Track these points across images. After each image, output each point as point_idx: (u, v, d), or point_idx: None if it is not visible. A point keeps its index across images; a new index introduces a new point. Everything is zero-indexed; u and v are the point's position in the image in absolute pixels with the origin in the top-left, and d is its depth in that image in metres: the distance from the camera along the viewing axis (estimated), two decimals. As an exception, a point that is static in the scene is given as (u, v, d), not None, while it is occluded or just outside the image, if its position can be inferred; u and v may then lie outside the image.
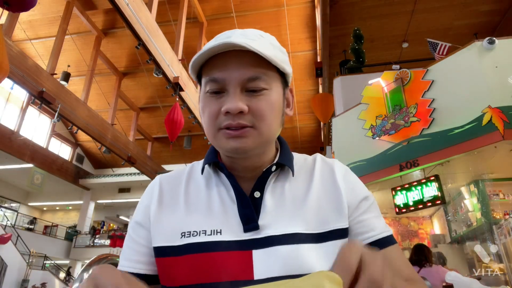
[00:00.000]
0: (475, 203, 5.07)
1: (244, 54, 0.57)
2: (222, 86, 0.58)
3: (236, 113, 0.56)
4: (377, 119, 5.02)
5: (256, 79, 0.58)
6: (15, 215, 15.41)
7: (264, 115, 0.58)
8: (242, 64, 0.57)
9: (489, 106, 3.76)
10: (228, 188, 0.63)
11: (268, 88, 0.59)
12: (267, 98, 0.59)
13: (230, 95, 0.57)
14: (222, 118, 0.58)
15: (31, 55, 11.52)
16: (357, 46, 7.08)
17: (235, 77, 0.57)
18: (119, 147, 11.97)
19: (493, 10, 8.78)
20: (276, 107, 0.60)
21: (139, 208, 0.68)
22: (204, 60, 0.59)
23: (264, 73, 0.58)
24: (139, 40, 6.97)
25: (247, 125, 0.57)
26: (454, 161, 4.31)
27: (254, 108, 0.57)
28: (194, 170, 0.71)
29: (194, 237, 0.58)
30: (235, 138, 0.58)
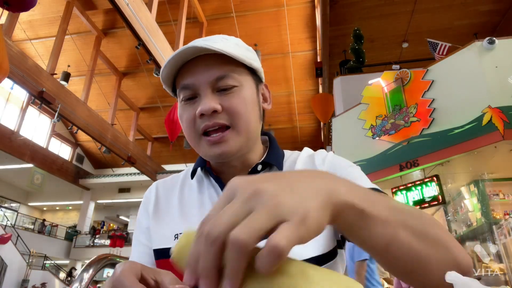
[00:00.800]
0: (475, 203, 5.07)
1: (209, 57, 0.59)
2: (194, 91, 0.60)
3: (210, 113, 0.57)
4: (377, 119, 5.02)
5: (224, 78, 0.59)
6: (15, 215, 15.41)
7: (239, 111, 0.58)
8: (209, 66, 0.59)
9: (489, 106, 3.76)
10: (218, 191, 0.65)
11: (238, 85, 0.60)
12: (239, 95, 0.59)
13: (202, 98, 0.58)
14: (199, 122, 0.59)
15: (31, 55, 11.52)
16: (357, 46, 7.08)
17: (203, 79, 0.59)
18: (119, 147, 11.97)
19: (493, 10, 8.79)
20: (249, 102, 0.61)
21: (140, 212, 0.71)
22: (173, 70, 0.61)
23: (232, 71, 0.59)
24: (139, 40, 6.97)
25: (224, 123, 0.58)
26: (454, 161, 4.31)
27: (227, 105, 0.58)
28: (188, 174, 0.73)
29: None
30: (217, 144, 0.58)
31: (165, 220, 0.65)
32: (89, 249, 16.17)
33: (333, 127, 6.06)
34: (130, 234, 16.67)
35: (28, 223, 16.24)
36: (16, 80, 7.62)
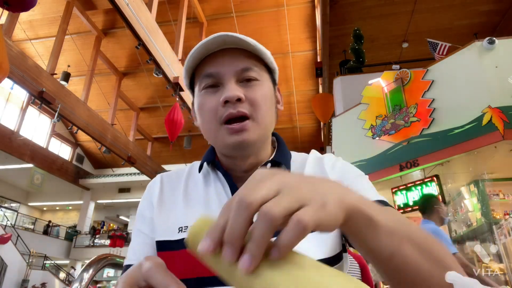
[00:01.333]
0: (475, 203, 5.06)
1: (235, 50, 0.62)
2: (217, 79, 0.61)
3: (234, 100, 0.58)
4: (377, 119, 5.02)
5: (249, 70, 0.61)
6: (15, 215, 15.41)
7: (259, 104, 0.61)
8: (235, 58, 0.61)
9: (489, 106, 3.76)
10: (225, 186, 0.65)
11: (260, 80, 0.63)
12: (260, 88, 0.62)
13: (227, 86, 0.60)
14: (222, 110, 0.60)
15: (31, 55, 11.52)
16: (357, 46, 7.08)
17: (229, 69, 0.61)
18: (119, 147, 11.97)
19: (493, 10, 8.79)
20: (268, 97, 0.63)
21: (142, 204, 0.70)
22: (199, 58, 0.63)
23: (255, 65, 0.62)
24: (139, 40, 6.97)
25: (246, 114, 0.59)
26: (454, 161, 4.31)
27: (249, 96, 0.60)
28: (194, 168, 0.73)
29: None
30: (237, 133, 0.59)
31: (169, 213, 0.65)
32: (89, 249, 16.17)
33: (333, 127, 6.06)
34: (130, 234, 16.67)
35: (28, 223, 16.25)
36: (16, 80, 7.62)
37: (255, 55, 0.64)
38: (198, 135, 14.65)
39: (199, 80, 0.64)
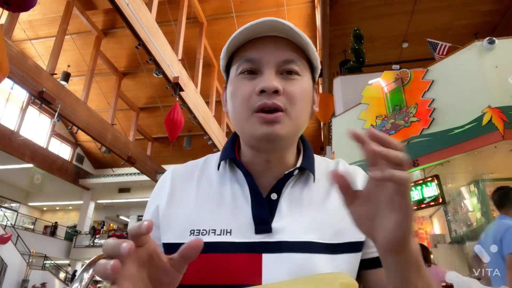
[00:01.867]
0: (475, 203, 5.06)
1: (280, 39, 0.58)
2: (257, 66, 0.58)
3: (271, 91, 0.55)
4: (377, 119, 5.02)
5: (291, 62, 0.58)
6: (15, 215, 15.42)
7: (296, 99, 0.57)
8: (280, 47, 0.58)
9: (489, 106, 3.76)
10: (243, 186, 0.61)
11: (301, 75, 0.59)
12: (300, 83, 0.59)
13: (265, 75, 0.56)
14: (256, 99, 0.56)
15: (31, 55, 11.52)
16: (357, 46, 7.08)
17: (272, 57, 0.57)
18: (119, 147, 11.97)
19: (493, 10, 8.79)
20: (307, 95, 0.60)
21: (151, 203, 0.66)
22: (242, 40, 0.59)
23: (299, 59, 0.59)
24: (139, 40, 6.96)
25: (281, 107, 0.56)
26: (454, 161, 4.31)
27: (288, 90, 0.57)
28: (208, 164, 0.68)
29: (203, 236, 0.56)
30: (269, 124, 0.55)
31: (180, 213, 0.61)
32: (89, 249, 16.17)
33: (333, 127, 6.06)
34: (130, 234, 16.68)
35: (28, 223, 16.25)
36: (16, 80, 7.62)
37: (300, 49, 0.60)
38: (198, 135, 14.64)
39: (237, 64, 0.60)
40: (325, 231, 0.57)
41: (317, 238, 0.56)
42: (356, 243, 0.59)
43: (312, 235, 0.56)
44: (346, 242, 0.58)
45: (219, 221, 0.58)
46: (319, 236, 0.56)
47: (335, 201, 0.61)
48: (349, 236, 0.58)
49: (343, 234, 0.58)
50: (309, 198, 0.61)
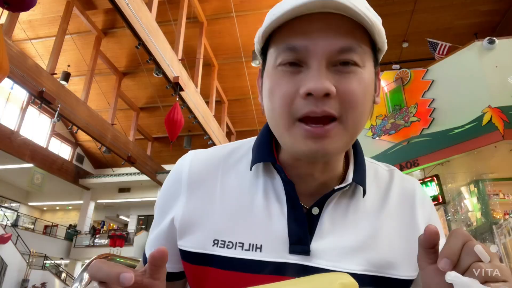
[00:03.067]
0: (475, 203, 5.07)
1: (332, 18, 0.43)
2: (303, 56, 0.44)
3: (321, 95, 0.42)
4: (377, 119, 5.02)
5: (348, 51, 0.44)
6: (15, 215, 15.42)
7: (356, 101, 0.44)
8: (332, 31, 0.43)
9: (489, 106, 3.76)
10: (280, 196, 0.51)
11: (362, 66, 0.45)
12: (360, 78, 0.45)
13: (313, 71, 0.43)
14: (301, 103, 0.44)
15: (31, 55, 11.52)
16: (357, 46, 7.08)
17: (323, 46, 0.43)
18: (119, 147, 11.97)
19: (493, 10, 8.79)
20: (369, 91, 0.47)
21: (163, 201, 0.56)
22: (284, 19, 0.44)
23: (359, 45, 0.44)
24: (139, 40, 6.96)
25: (333, 114, 0.43)
26: (454, 161, 4.31)
27: (343, 90, 0.43)
28: (236, 157, 0.56)
29: (229, 249, 0.48)
30: (317, 139, 0.44)
31: (202, 217, 0.51)
32: (89, 249, 16.18)
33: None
34: (130, 234, 16.69)
35: (28, 223, 16.26)
36: (16, 80, 7.62)
37: (362, 28, 0.45)
38: (198, 135, 14.66)
39: (277, 51, 0.46)
40: (372, 261, 0.48)
41: (362, 269, 0.48)
42: (405, 281, 0.50)
43: (357, 265, 0.48)
44: (394, 277, 0.49)
45: (249, 233, 0.49)
46: (364, 267, 0.48)
47: (388, 225, 0.52)
48: (400, 271, 0.49)
49: (393, 268, 0.49)
50: (356, 216, 0.51)
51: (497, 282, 0.34)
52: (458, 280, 0.36)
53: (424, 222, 0.53)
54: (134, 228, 18.51)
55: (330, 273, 0.45)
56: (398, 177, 0.57)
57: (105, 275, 0.35)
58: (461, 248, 0.37)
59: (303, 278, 0.42)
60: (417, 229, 0.52)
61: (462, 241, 0.37)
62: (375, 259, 0.49)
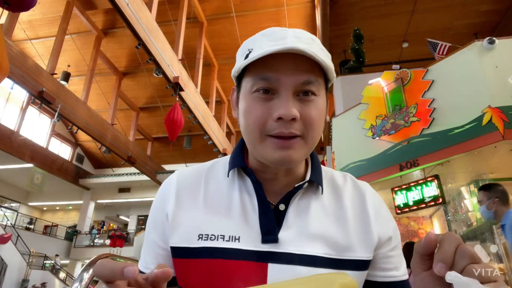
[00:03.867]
0: (475, 203, 5.06)
1: (298, 57, 0.54)
2: (274, 86, 0.55)
3: (289, 119, 0.53)
4: (377, 119, 5.02)
5: (309, 84, 0.55)
6: (15, 215, 15.42)
7: (314, 123, 0.56)
8: (298, 67, 0.55)
9: (489, 106, 3.76)
10: (252, 195, 0.61)
11: (318, 95, 0.57)
12: (317, 105, 0.57)
13: (283, 99, 0.54)
14: (273, 125, 0.55)
15: (31, 55, 11.52)
16: (357, 46, 7.08)
17: (290, 79, 0.54)
18: (119, 147, 11.98)
19: (493, 10, 8.79)
20: (322, 113, 0.59)
21: (155, 207, 0.65)
22: (255, 59, 0.55)
23: (316, 79, 0.56)
24: (139, 40, 6.96)
25: (297, 134, 0.55)
26: (454, 161, 4.31)
27: (305, 115, 0.55)
28: (216, 169, 0.67)
29: (212, 241, 0.57)
30: (284, 149, 0.55)
31: (188, 217, 0.60)
32: (89, 249, 16.18)
33: (333, 127, 6.06)
34: (130, 234, 16.69)
35: (28, 223, 16.26)
36: (16, 80, 7.62)
37: (318, 66, 0.57)
38: (198, 135, 14.66)
39: (252, 80, 0.57)
40: (332, 246, 0.57)
41: (323, 252, 0.57)
42: (363, 261, 0.58)
43: (319, 249, 0.57)
44: (352, 259, 0.58)
45: (228, 227, 0.58)
46: (325, 251, 0.57)
47: (344, 217, 0.61)
48: (357, 253, 0.58)
49: (351, 251, 0.58)
50: (316, 210, 0.61)
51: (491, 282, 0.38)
52: (458, 280, 0.36)
53: (374, 213, 0.62)
54: (134, 228, 18.52)
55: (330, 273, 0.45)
56: (350, 179, 0.69)
57: (109, 271, 0.37)
58: (454, 252, 0.40)
59: (303, 278, 0.42)
60: (368, 219, 0.61)
61: (455, 245, 0.40)
62: (335, 245, 0.58)
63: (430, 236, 0.42)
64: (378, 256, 0.61)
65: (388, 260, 0.61)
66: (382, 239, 0.61)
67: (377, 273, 0.61)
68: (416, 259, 0.44)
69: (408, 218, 6.52)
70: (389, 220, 0.65)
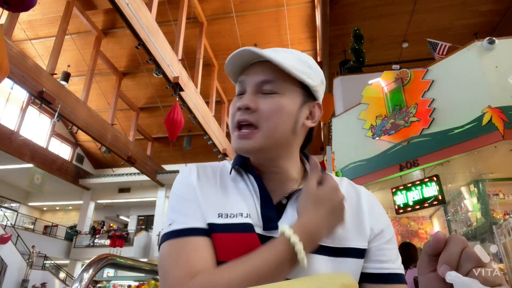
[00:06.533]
0: (475, 203, 5.06)
1: (265, 64, 0.65)
2: (243, 88, 0.67)
3: (244, 108, 0.63)
4: (377, 119, 5.02)
5: (268, 83, 0.64)
6: (15, 215, 15.42)
7: (268, 115, 0.63)
8: (261, 70, 0.65)
9: (489, 106, 3.76)
10: (254, 187, 0.67)
11: (280, 93, 0.64)
12: (276, 101, 0.64)
13: (245, 95, 0.66)
14: (237, 115, 0.65)
15: (31, 55, 11.53)
16: (357, 46, 7.08)
17: (252, 79, 0.66)
18: (119, 147, 11.98)
19: (493, 10, 8.79)
20: (284, 111, 0.64)
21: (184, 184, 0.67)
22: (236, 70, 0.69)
23: (279, 79, 0.64)
24: (139, 40, 6.97)
25: (252, 122, 0.63)
26: (454, 161, 4.31)
27: (260, 107, 0.63)
28: (226, 168, 0.73)
29: (231, 218, 0.61)
30: (243, 139, 0.63)
31: (208, 198, 0.64)
32: (89, 249, 16.17)
33: (333, 127, 6.06)
34: (130, 234, 16.68)
35: (28, 223, 16.26)
36: (16, 80, 7.62)
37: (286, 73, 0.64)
38: (198, 135, 14.66)
39: (236, 85, 0.70)
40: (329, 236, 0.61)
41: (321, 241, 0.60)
42: (358, 250, 0.62)
43: None
44: (347, 247, 0.62)
45: (243, 207, 0.63)
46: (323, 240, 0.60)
47: None
48: (352, 242, 0.62)
49: (346, 240, 0.62)
50: None
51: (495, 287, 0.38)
52: (458, 280, 0.36)
53: (367, 208, 0.67)
54: (134, 228, 18.51)
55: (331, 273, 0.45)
56: (346, 180, 0.73)
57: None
58: (460, 254, 0.41)
59: (304, 278, 0.42)
60: (362, 213, 0.66)
61: (461, 247, 0.41)
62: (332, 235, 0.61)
63: (439, 236, 0.43)
64: (373, 249, 0.64)
65: (382, 252, 0.64)
66: (375, 231, 0.65)
67: (372, 265, 0.63)
68: (424, 259, 0.46)
69: (408, 218, 6.52)
70: (381, 215, 0.69)
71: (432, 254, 0.44)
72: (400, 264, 0.65)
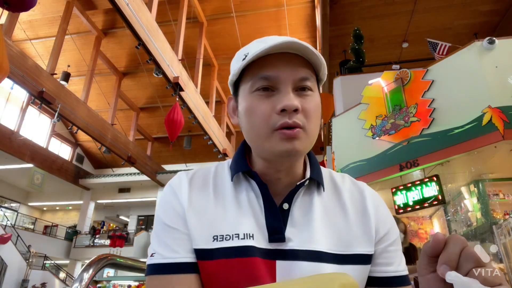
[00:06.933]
0: (475, 203, 5.07)
1: (294, 56, 0.60)
2: (274, 84, 0.59)
3: (292, 110, 0.57)
4: (377, 119, 5.02)
5: (305, 79, 0.59)
6: (15, 215, 15.42)
7: (312, 116, 0.59)
8: (295, 65, 0.59)
9: (489, 106, 3.76)
10: (258, 196, 0.62)
11: (313, 90, 0.61)
12: (313, 99, 0.61)
13: (283, 93, 0.58)
14: (277, 118, 0.57)
15: (31, 55, 11.52)
16: (357, 46, 7.07)
17: (289, 75, 0.58)
18: (119, 147, 11.98)
19: (493, 10, 8.79)
20: (319, 109, 0.62)
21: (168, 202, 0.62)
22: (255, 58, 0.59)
23: (311, 75, 0.61)
24: (139, 40, 6.96)
25: (300, 125, 0.58)
26: (454, 161, 4.31)
27: (304, 107, 0.59)
28: (220, 172, 0.68)
29: (227, 241, 0.57)
30: (289, 140, 0.57)
31: (201, 218, 0.59)
32: (89, 249, 16.17)
33: (333, 127, 6.07)
34: (130, 234, 16.68)
35: (28, 223, 16.25)
36: (16, 80, 7.62)
37: (310, 65, 0.61)
38: (198, 135, 14.65)
39: (251, 81, 0.60)
40: (335, 241, 0.60)
41: (326, 248, 0.58)
42: (364, 255, 0.60)
43: (322, 245, 0.58)
44: (354, 253, 0.60)
45: (241, 226, 0.58)
46: (328, 247, 0.59)
47: (344, 213, 0.63)
48: (358, 248, 0.60)
49: (352, 246, 0.60)
50: (319, 208, 0.63)
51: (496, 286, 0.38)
52: (458, 280, 0.36)
53: (373, 209, 0.65)
54: (134, 228, 18.51)
55: (331, 273, 0.45)
56: (348, 178, 0.71)
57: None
58: (459, 254, 0.41)
59: (304, 278, 0.42)
60: (367, 214, 0.64)
61: (460, 247, 0.41)
62: (338, 240, 0.60)
63: (438, 237, 0.43)
64: (378, 252, 0.62)
65: (388, 255, 0.62)
66: (380, 234, 0.63)
67: (377, 269, 0.62)
68: (424, 260, 0.45)
69: (408, 218, 6.52)
70: (387, 217, 0.66)
71: (432, 255, 0.44)
72: (405, 265, 0.64)
